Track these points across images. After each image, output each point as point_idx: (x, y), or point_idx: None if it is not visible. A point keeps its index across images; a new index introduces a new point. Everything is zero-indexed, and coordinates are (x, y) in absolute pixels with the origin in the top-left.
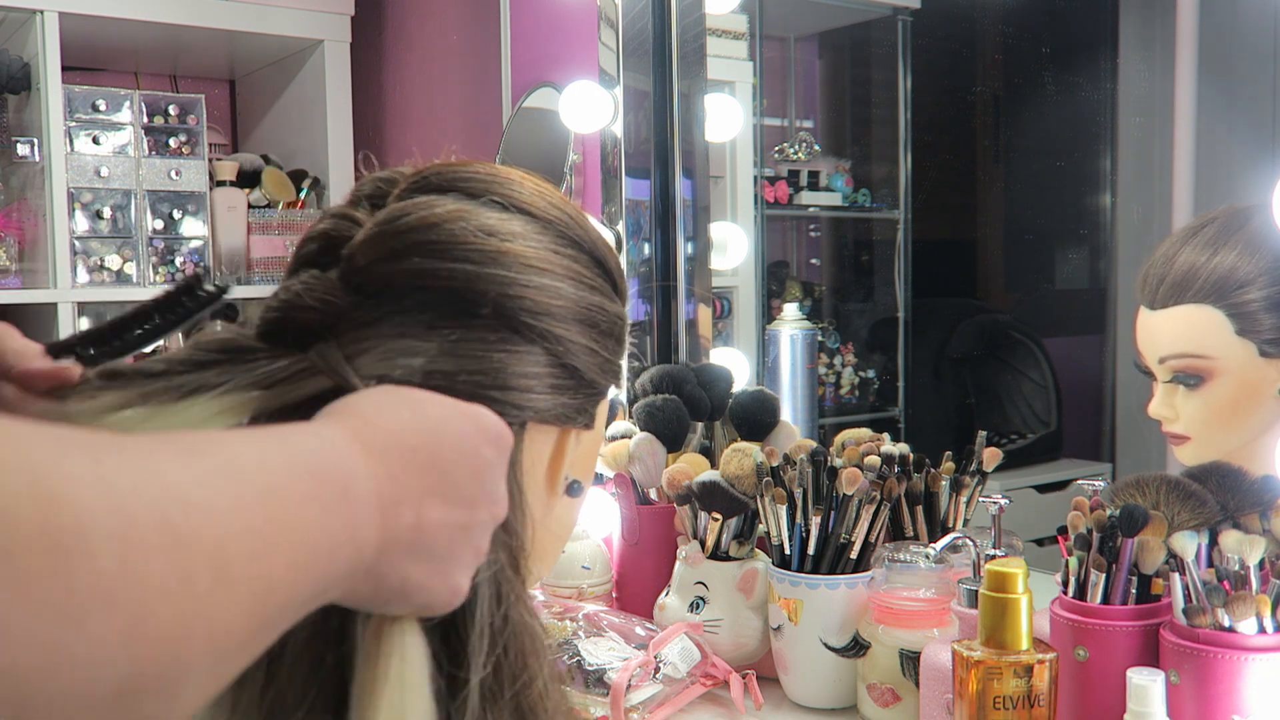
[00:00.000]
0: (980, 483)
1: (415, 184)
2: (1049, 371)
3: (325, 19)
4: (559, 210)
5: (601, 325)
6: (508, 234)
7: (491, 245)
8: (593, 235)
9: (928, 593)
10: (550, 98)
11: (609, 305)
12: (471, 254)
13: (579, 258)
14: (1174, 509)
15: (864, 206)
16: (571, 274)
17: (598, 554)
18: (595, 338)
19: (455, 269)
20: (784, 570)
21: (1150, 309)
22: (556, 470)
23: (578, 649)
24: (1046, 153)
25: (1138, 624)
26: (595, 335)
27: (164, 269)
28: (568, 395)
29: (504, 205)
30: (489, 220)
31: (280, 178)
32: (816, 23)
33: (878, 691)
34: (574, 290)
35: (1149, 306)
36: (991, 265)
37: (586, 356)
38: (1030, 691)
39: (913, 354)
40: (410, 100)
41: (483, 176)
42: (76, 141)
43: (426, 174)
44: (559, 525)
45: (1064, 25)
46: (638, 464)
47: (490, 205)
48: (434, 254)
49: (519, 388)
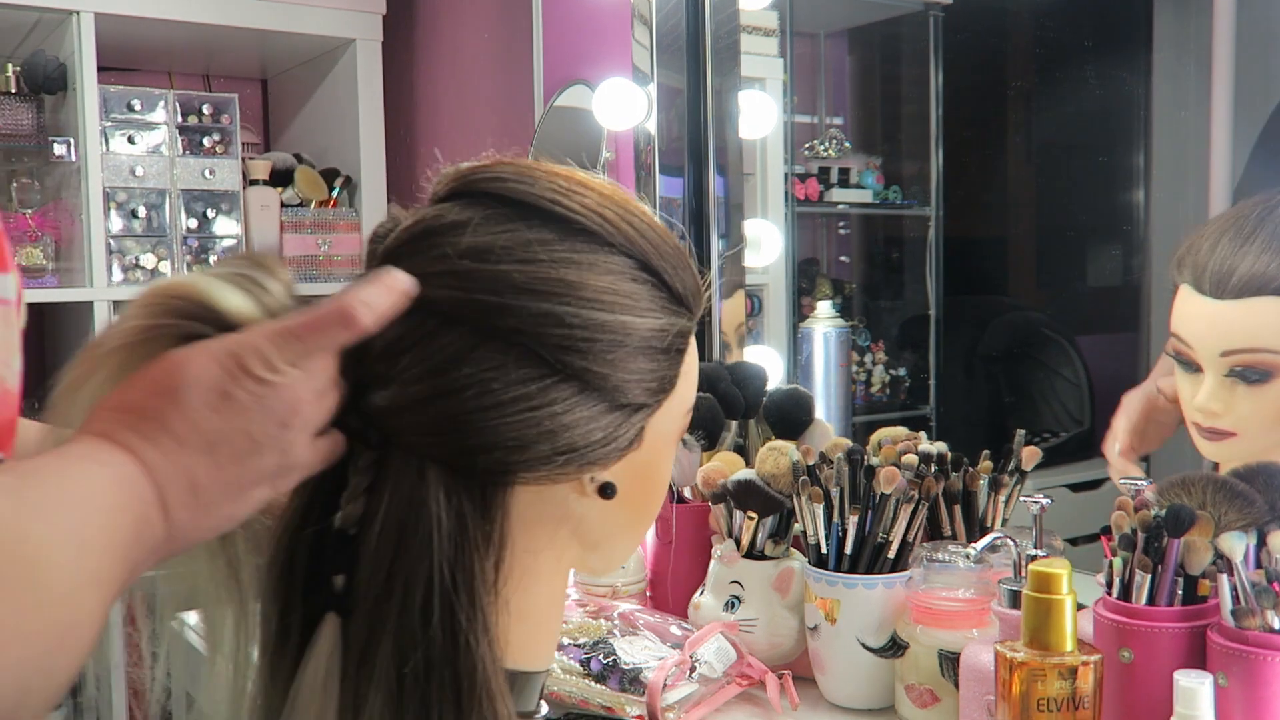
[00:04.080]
0: (1019, 482)
1: (440, 193)
2: (1082, 369)
3: (357, 18)
4: (595, 213)
5: (633, 344)
6: (527, 257)
7: (504, 271)
8: (639, 238)
9: (967, 593)
10: (583, 95)
11: (640, 321)
12: (486, 284)
13: (615, 266)
14: (1221, 509)
15: (895, 203)
16: (599, 297)
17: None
18: (623, 361)
19: (470, 301)
20: (821, 569)
21: (1215, 298)
22: (578, 485)
23: (613, 648)
24: (1079, 148)
25: (1184, 626)
26: (623, 358)
27: (198, 268)
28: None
29: (532, 211)
30: (505, 238)
31: (313, 176)
32: (847, 19)
33: (916, 692)
34: (604, 316)
35: (1214, 295)
36: (1024, 262)
37: (610, 382)
38: (1075, 693)
39: (944, 352)
40: (442, 99)
41: (512, 177)
42: (112, 141)
43: (455, 179)
44: (597, 528)
45: (1097, 20)
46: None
47: (516, 214)
48: (449, 285)
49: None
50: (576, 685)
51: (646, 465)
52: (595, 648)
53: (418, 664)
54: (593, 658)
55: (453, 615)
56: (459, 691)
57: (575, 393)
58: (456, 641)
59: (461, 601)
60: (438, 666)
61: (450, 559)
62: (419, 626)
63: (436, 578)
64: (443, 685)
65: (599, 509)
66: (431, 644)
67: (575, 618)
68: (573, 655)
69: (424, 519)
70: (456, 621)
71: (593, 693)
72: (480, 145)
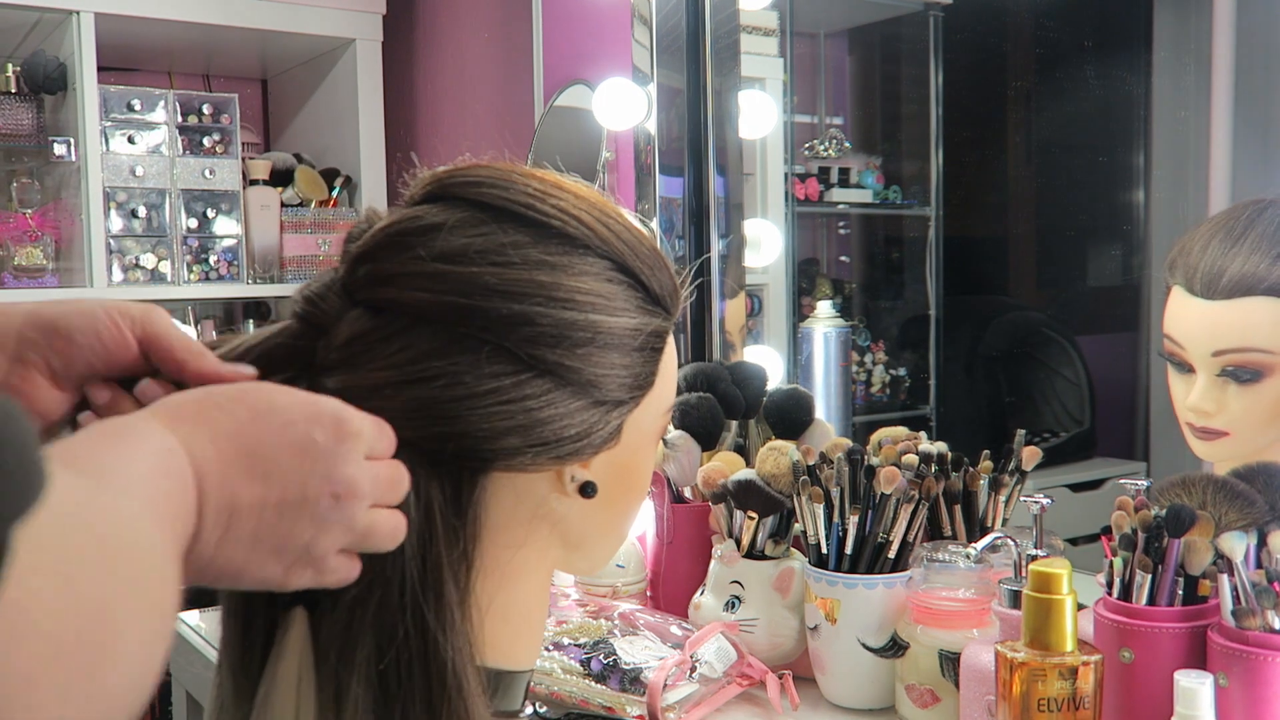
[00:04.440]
0: (1019, 482)
1: (417, 195)
2: (1082, 369)
3: (357, 18)
4: (571, 216)
5: (606, 342)
6: (500, 260)
7: (476, 273)
8: (615, 240)
9: (967, 593)
10: (583, 95)
11: (614, 320)
12: (458, 285)
13: (590, 268)
14: (1221, 509)
15: (895, 203)
16: (572, 297)
17: (632, 552)
18: (595, 355)
19: (441, 303)
20: (821, 569)
21: (1206, 298)
22: (558, 476)
23: (613, 648)
24: (1079, 148)
25: (1185, 626)
26: (595, 353)
27: (198, 268)
28: (561, 426)
29: (508, 216)
30: (480, 241)
31: (313, 176)
32: (846, 19)
33: (916, 692)
34: (575, 315)
35: (1204, 296)
36: (1024, 262)
37: (583, 376)
38: (1075, 693)
39: (945, 351)
40: (442, 98)
41: (488, 181)
42: (112, 141)
43: (431, 182)
44: (578, 528)
45: (1097, 20)
46: (672, 462)
47: (491, 218)
48: (422, 287)
49: (481, 433)
50: (577, 685)
51: (626, 464)
52: (595, 648)
53: (391, 660)
54: (593, 658)
55: (420, 613)
56: (429, 689)
57: (550, 388)
58: (425, 639)
59: (429, 599)
60: (409, 664)
61: (419, 555)
62: (392, 623)
63: (405, 573)
64: (412, 682)
65: (580, 509)
66: (405, 641)
67: (575, 618)
68: (573, 655)
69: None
70: (424, 619)
71: (593, 693)
72: (480, 145)
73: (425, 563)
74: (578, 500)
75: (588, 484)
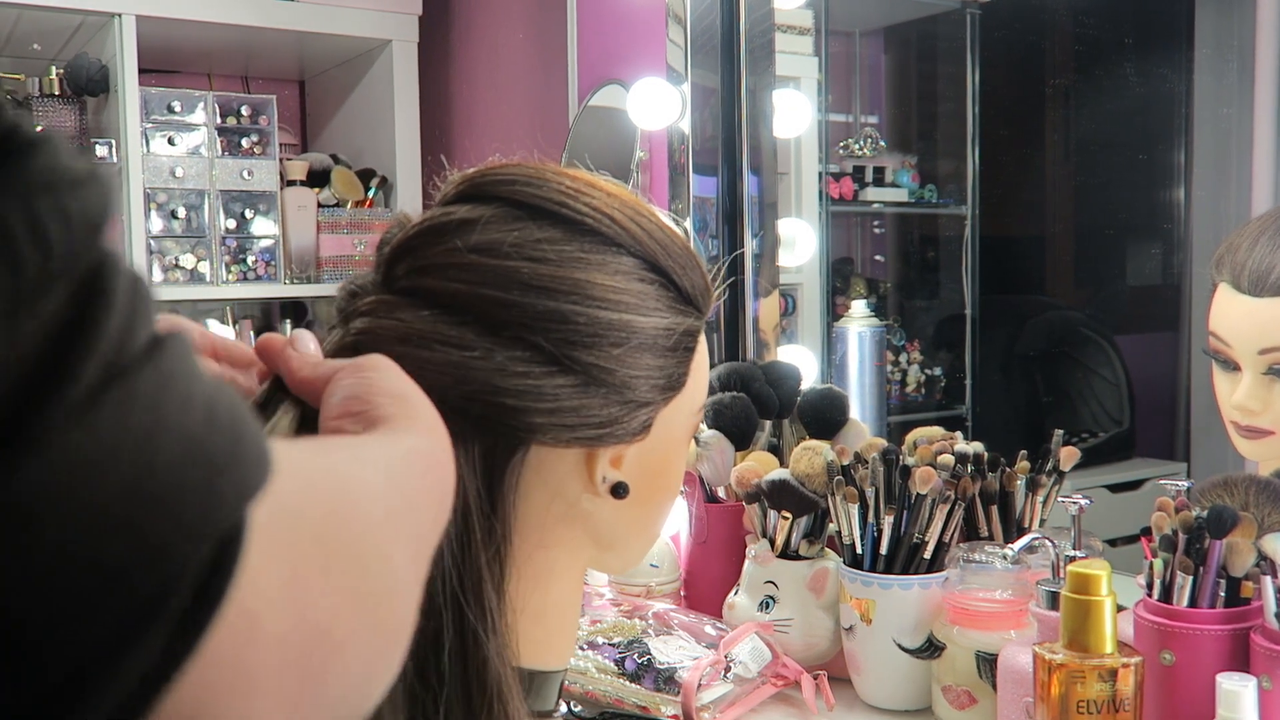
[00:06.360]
0: (1057, 482)
1: (450, 195)
2: (1121, 369)
3: (393, 19)
4: (604, 214)
5: (640, 343)
6: (535, 255)
7: (511, 267)
8: (647, 239)
9: (1004, 594)
10: (617, 95)
11: (646, 320)
12: (494, 278)
13: (623, 267)
14: (1264, 510)
15: (931, 202)
16: (606, 296)
17: (666, 552)
18: (628, 357)
19: (477, 295)
20: (856, 570)
21: (1254, 296)
22: (590, 475)
23: (648, 647)
24: (1118, 147)
25: (1227, 628)
26: (629, 354)
27: (236, 268)
28: (595, 415)
29: (542, 213)
30: (515, 235)
31: (349, 177)
32: (883, 17)
33: (953, 693)
34: (611, 315)
35: (1252, 293)
36: (1061, 261)
37: (617, 378)
38: (1115, 696)
39: (981, 351)
40: (477, 99)
41: (522, 179)
42: (152, 142)
43: (464, 181)
44: (610, 527)
45: (1137, 16)
46: (706, 462)
47: (525, 215)
48: (457, 278)
49: (521, 408)
50: (611, 685)
51: (658, 464)
52: (630, 647)
53: (430, 661)
54: (627, 657)
55: (461, 613)
56: (469, 690)
57: (581, 385)
58: (464, 639)
59: (469, 599)
60: (449, 664)
61: (457, 556)
62: (435, 626)
63: (445, 575)
64: (452, 684)
65: (611, 508)
66: (443, 641)
67: (610, 617)
68: (607, 655)
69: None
70: (464, 619)
71: (627, 692)
72: (515, 145)
73: (464, 565)
74: (609, 500)
75: (619, 485)
